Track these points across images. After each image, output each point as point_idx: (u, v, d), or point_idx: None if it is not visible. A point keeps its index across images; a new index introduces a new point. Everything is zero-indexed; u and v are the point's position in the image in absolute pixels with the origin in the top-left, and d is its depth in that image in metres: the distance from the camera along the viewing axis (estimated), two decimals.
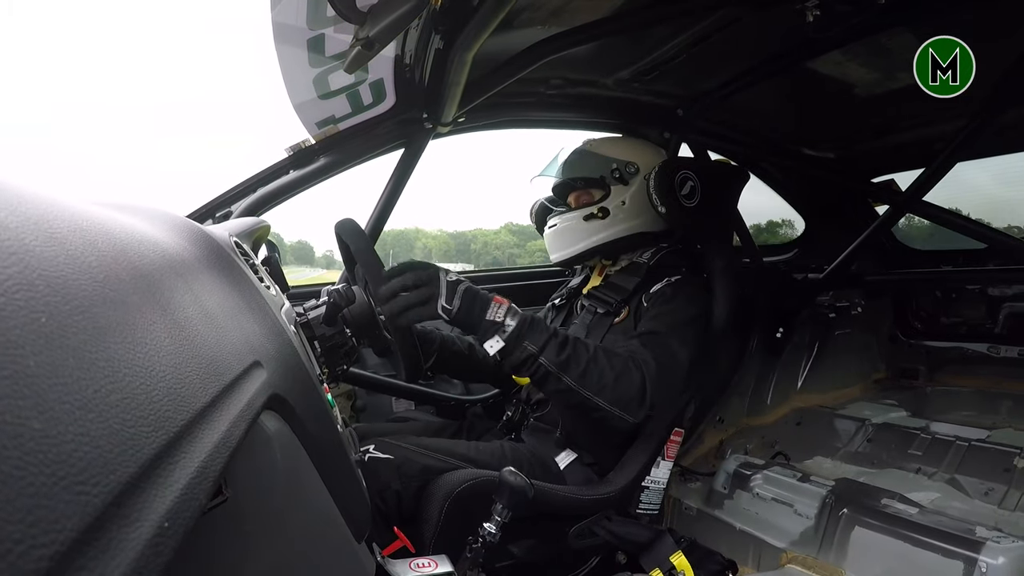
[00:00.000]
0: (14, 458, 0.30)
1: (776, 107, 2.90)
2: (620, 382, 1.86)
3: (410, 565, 1.56)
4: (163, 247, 0.67)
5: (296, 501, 0.84)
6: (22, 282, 0.36)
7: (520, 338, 1.78)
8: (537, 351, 1.79)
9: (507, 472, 1.64)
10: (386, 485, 1.77)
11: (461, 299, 1.75)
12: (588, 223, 2.34)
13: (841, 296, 3.44)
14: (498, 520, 1.63)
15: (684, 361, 2.04)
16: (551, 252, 2.47)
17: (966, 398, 3.02)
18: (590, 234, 2.35)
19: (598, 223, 2.33)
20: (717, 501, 2.72)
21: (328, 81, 1.98)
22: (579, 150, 2.48)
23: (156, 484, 0.41)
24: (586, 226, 2.34)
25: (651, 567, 2.00)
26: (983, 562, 1.88)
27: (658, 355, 1.97)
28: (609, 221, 2.32)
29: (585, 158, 2.45)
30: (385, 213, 2.58)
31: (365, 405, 2.70)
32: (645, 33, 2.20)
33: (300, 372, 0.93)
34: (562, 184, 2.48)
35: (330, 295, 1.81)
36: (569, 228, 2.38)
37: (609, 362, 1.87)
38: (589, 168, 2.40)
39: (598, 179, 2.37)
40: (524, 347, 1.79)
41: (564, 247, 2.41)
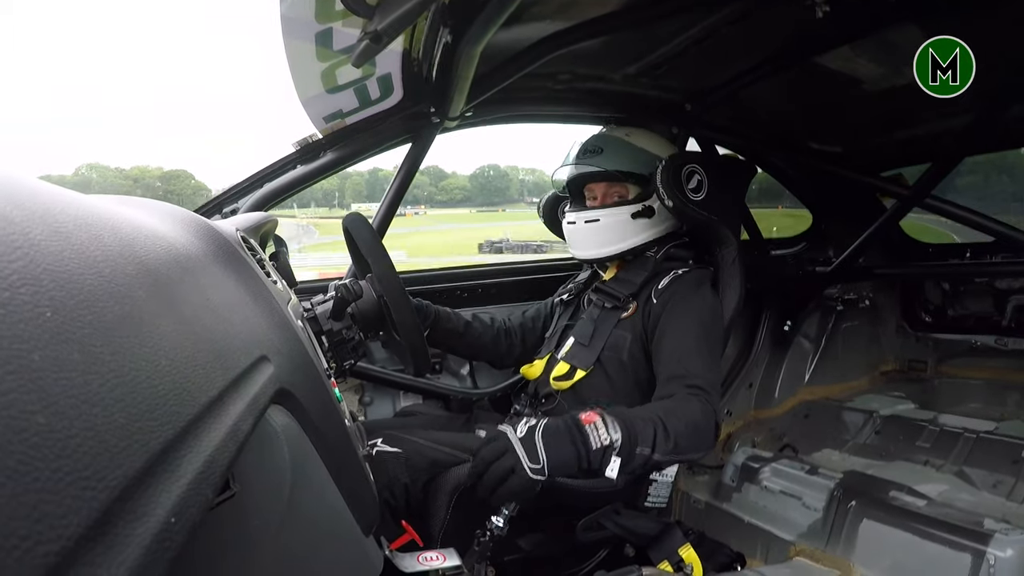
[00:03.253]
0: (19, 453, 0.30)
1: (784, 102, 2.88)
2: (703, 430, 1.84)
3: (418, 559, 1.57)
4: (170, 242, 0.67)
5: (304, 495, 0.84)
6: (27, 277, 0.36)
7: (633, 448, 1.67)
8: (651, 451, 1.70)
9: None
10: (394, 479, 1.77)
11: (545, 445, 1.60)
12: (636, 221, 2.28)
13: (849, 289, 3.43)
14: (505, 513, 1.63)
15: (713, 365, 2.04)
16: (585, 248, 2.37)
17: (974, 390, 3.02)
18: (637, 232, 2.29)
19: (645, 222, 2.28)
20: (725, 494, 2.71)
21: (336, 75, 1.98)
22: (611, 139, 2.38)
23: (162, 479, 0.41)
24: (634, 224, 2.28)
25: (659, 560, 1.99)
26: (991, 554, 1.87)
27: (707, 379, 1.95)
28: (654, 220, 2.28)
29: (633, 152, 2.34)
30: (393, 207, 2.57)
31: (372, 400, 2.70)
32: (653, 28, 2.18)
33: (307, 366, 0.93)
34: (593, 175, 2.36)
35: (337, 290, 1.82)
36: (615, 224, 2.30)
37: (694, 419, 1.82)
38: (639, 163, 2.31)
39: (647, 176, 2.28)
40: (638, 454, 1.68)
41: (607, 244, 2.32)
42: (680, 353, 2.03)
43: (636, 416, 1.73)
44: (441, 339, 2.40)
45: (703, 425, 1.83)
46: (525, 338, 2.55)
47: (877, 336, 3.52)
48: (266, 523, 0.77)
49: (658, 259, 2.27)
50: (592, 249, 2.35)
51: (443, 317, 2.36)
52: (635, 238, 2.29)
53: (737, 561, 2.43)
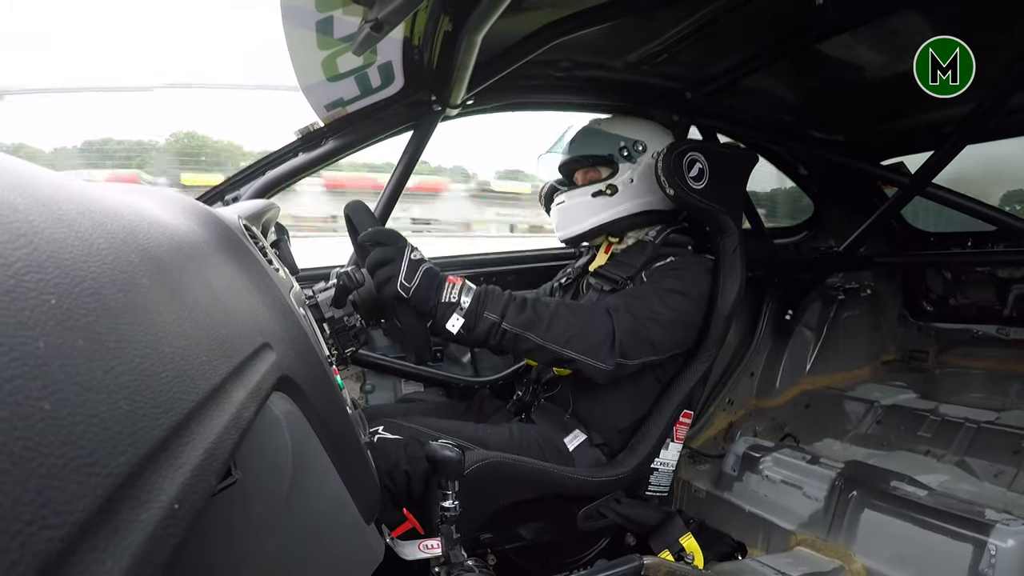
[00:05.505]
0: (24, 439, 0.30)
1: (785, 90, 2.87)
2: (587, 329, 1.87)
3: (419, 546, 1.57)
4: (173, 230, 0.67)
5: (306, 483, 0.84)
6: (32, 264, 0.36)
7: (479, 311, 1.79)
8: (499, 318, 1.80)
9: (434, 447, 1.62)
10: (395, 466, 1.77)
11: (420, 279, 1.76)
12: (596, 200, 2.30)
13: (851, 278, 3.43)
14: (449, 494, 1.61)
15: (664, 321, 2.02)
16: (558, 230, 2.43)
17: (975, 380, 3.02)
18: (598, 211, 2.31)
19: (606, 200, 2.29)
20: (726, 483, 2.72)
21: (337, 63, 1.97)
22: (586, 128, 2.45)
23: (166, 465, 0.41)
24: (594, 203, 2.31)
25: (660, 549, 2.00)
26: (992, 544, 1.88)
27: (634, 309, 1.97)
28: (617, 198, 2.29)
29: (592, 136, 2.40)
30: (395, 196, 2.57)
31: (374, 387, 2.70)
32: (654, 15, 2.18)
33: (309, 354, 0.94)
34: (569, 162, 2.43)
35: (339, 277, 1.82)
36: (577, 205, 2.34)
37: (573, 313, 1.88)
38: (596, 145, 2.36)
39: (606, 156, 2.32)
40: (484, 318, 1.79)
41: (571, 224, 2.37)
42: (625, 295, 2.08)
43: (494, 289, 1.88)
44: None
45: (583, 323, 1.88)
46: None
47: (879, 325, 3.52)
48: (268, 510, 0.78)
49: (657, 243, 2.27)
50: (563, 229, 2.41)
51: None
52: (597, 216, 2.31)
53: (738, 550, 2.43)
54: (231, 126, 21.64)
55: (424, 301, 1.76)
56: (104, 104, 20.97)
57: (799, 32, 2.26)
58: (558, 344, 1.84)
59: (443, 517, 1.58)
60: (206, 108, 21.02)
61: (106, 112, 22.15)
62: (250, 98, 19.34)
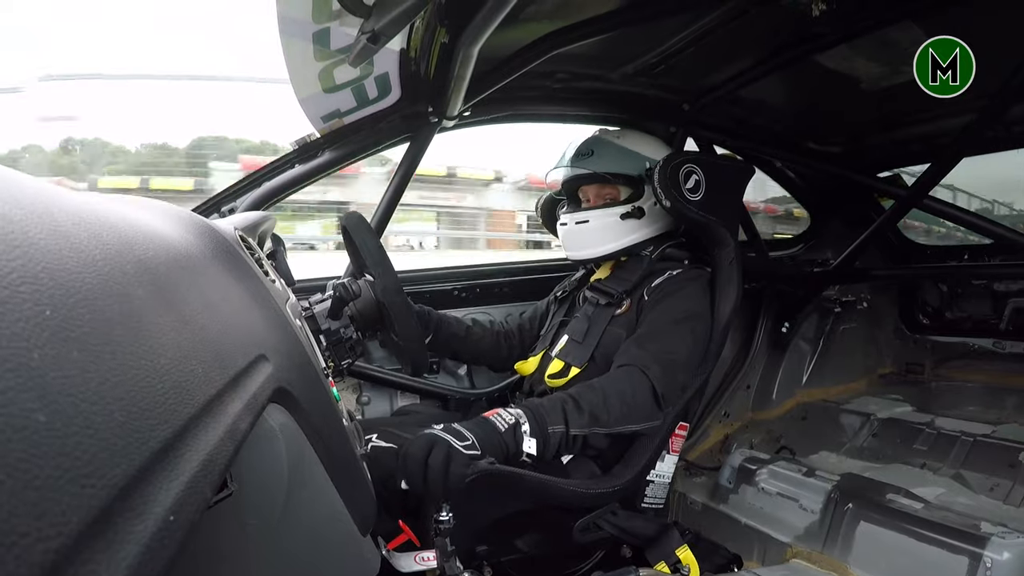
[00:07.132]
0: (19, 451, 0.30)
1: (782, 102, 2.88)
2: (637, 398, 1.89)
3: (415, 559, 1.57)
4: (168, 241, 0.67)
5: (301, 495, 0.84)
6: (26, 275, 0.36)
7: (543, 425, 1.76)
8: (564, 427, 1.78)
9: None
10: (389, 474, 1.77)
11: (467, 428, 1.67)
12: (625, 222, 2.28)
13: (847, 291, 3.43)
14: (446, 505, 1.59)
15: (685, 356, 2.05)
16: (576, 249, 2.38)
17: (971, 393, 3.03)
18: (626, 233, 2.30)
19: (635, 222, 2.28)
20: (722, 496, 2.71)
21: (333, 75, 1.98)
22: (603, 142, 2.38)
23: (161, 477, 0.41)
24: (623, 225, 2.29)
25: (657, 561, 1.99)
26: (988, 557, 1.87)
27: (658, 356, 1.98)
28: (645, 221, 2.28)
29: (616, 152, 2.34)
30: (391, 207, 2.57)
31: (370, 399, 2.70)
32: (651, 27, 2.19)
33: (306, 366, 0.94)
34: (587, 177, 2.36)
35: (335, 289, 1.82)
36: (605, 226, 2.31)
37: (617, 389, 1.89)
38: (628, 165, 2.31)
39: (636, 177, 2.30)
40: (551, 432, 1.76)
41: (595, 244, 2.33)
42: (642, 339, 2.07)
43: (540, 402, 1.84)
44: (443, 345, 2.42)
45: (631, 393, 1.89)
46: (523, 340, 2.55)
47: (875, 338, 3.52)
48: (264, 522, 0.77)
49: (653, 258, 2.27)
50: (583, 250, 2.36)
51: (445, 323, 2.39)
52: (624, 239, 2.30)
53: (734, 562, 2.43)
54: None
55: (491, 436, 1.69)
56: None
57: (796, 44, 2.27)
58: (621, 425, 1.88)
59: (437, 530, 1.58)
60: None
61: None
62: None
